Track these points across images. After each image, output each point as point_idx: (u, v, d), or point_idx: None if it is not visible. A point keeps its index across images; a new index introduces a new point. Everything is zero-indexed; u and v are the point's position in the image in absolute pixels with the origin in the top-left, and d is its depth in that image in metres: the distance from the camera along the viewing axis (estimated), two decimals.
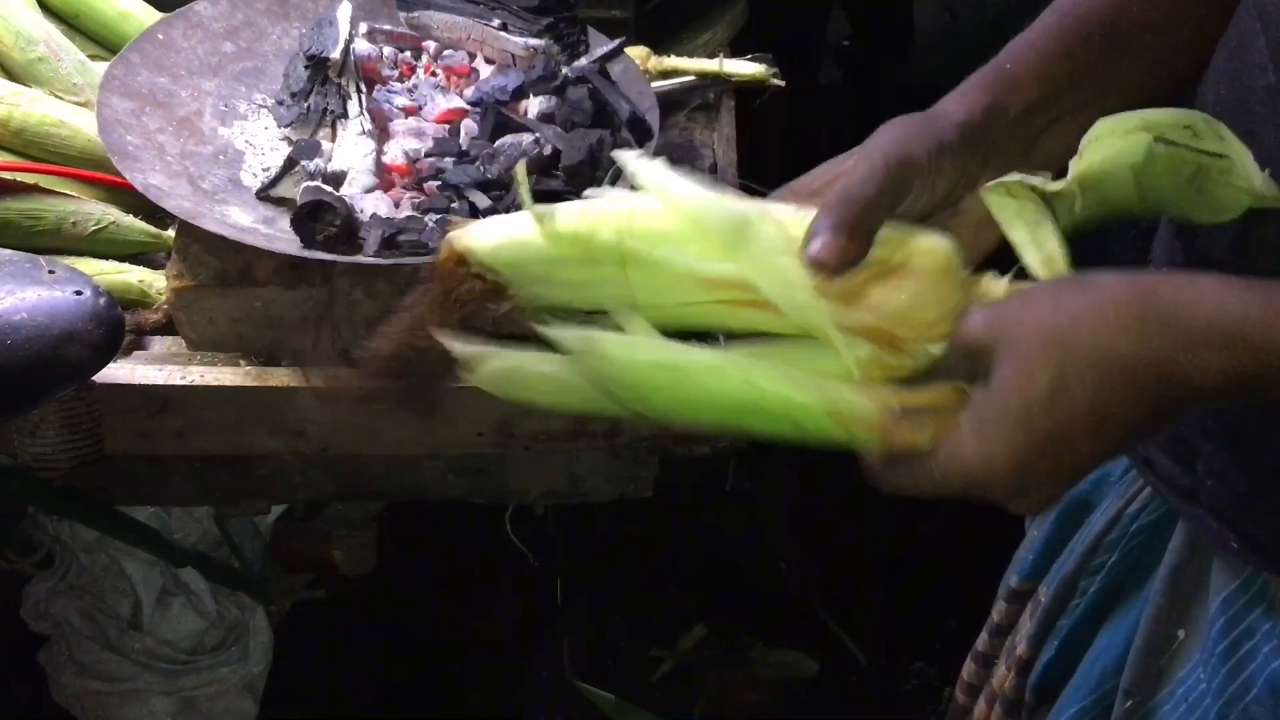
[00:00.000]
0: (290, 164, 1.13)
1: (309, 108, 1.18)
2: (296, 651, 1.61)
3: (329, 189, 1.09)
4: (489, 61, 1.28)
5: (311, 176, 1.12)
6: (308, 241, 1.06)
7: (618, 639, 1.89)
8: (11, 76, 1.30)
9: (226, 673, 1.42)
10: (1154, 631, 0.82)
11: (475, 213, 1.06)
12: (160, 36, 1.25)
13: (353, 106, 1.19)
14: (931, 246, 0.64)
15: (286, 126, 1.19)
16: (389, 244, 1.06)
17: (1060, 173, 0.69)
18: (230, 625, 1.43)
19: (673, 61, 1.41)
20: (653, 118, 1.19)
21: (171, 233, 1.22)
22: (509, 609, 1.86)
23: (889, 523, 1.94)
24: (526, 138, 1.14)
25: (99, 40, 1.42)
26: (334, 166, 1.14)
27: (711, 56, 1.42)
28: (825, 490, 2.01)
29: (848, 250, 0.62)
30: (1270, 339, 0.56)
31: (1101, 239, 0.74)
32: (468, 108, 1.22)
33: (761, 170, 1.44)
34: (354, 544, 1.54)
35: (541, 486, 1.26)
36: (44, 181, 1.22)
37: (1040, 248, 0.66)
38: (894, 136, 0.66)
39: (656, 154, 1.16)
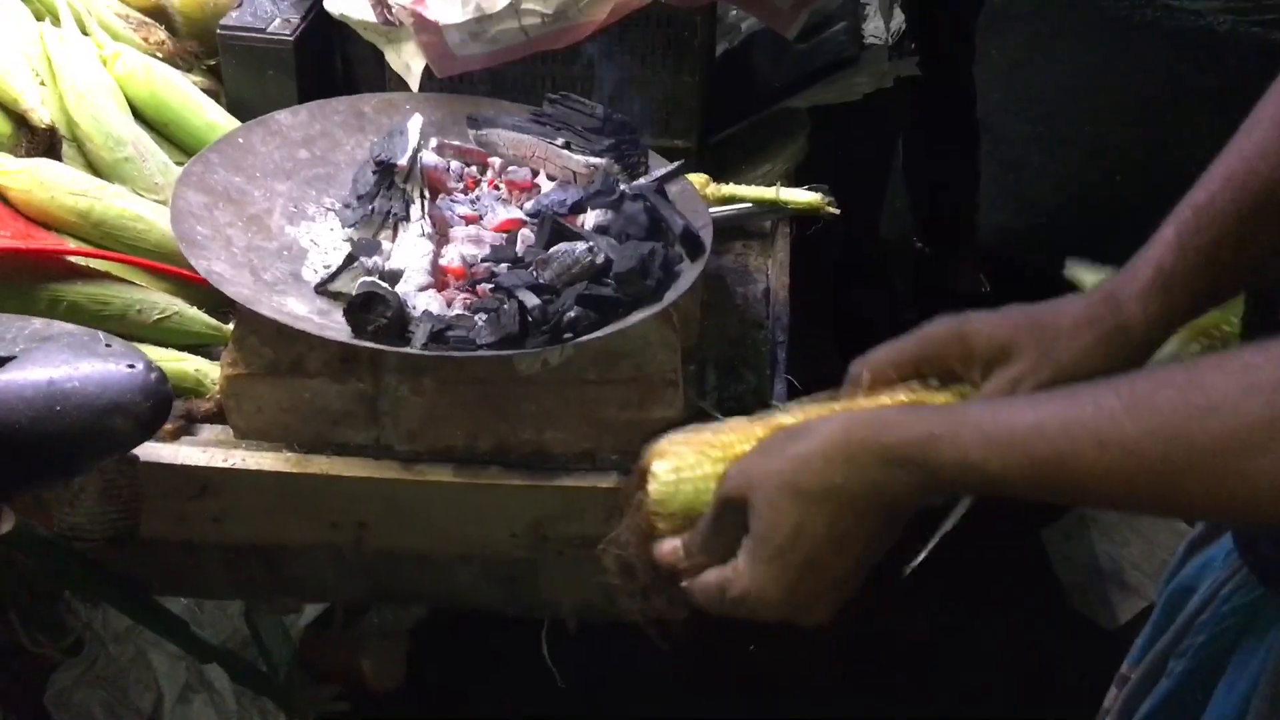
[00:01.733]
0: (350, 260, 1.16)
1: (373, 210, 1.22)
2: None
3: (383, 284, 1.11)
4: (551, 178, 1.32)
5: (369, 273, 1.15)
6: (358, 331, 1.08)
7: None
8: (97, 173, 1.37)
9: None
10: None
11: (524, 311, 1.08)
12: (240, 140, 1.31)
13: (415, 210, 1.22)
14: None
15: (350, 227, 1.23)
16: (436, 338, 1.08)
17: None
18: None
19: (731, 189, 1.44)
20: (706, 234, 1.21)
21: (231, 327, 1.25)
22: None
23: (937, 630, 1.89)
24: (580, 246, 1.16)
25: (186, 149, 1.48)
26: (392, 265, 1.16)
27: (770, 185, 1.45)
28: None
29: None
30: (942, 457, 0.68)
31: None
32: (526, 219, 1.25)
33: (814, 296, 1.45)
34: (385, 656, 1.52)
35: (575, 599, 1.24)
36: (114, 269, 1.26)
37: None
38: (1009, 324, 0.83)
39: (710, 274, 1.19)
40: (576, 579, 1.20)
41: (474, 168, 1.34)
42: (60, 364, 0.97)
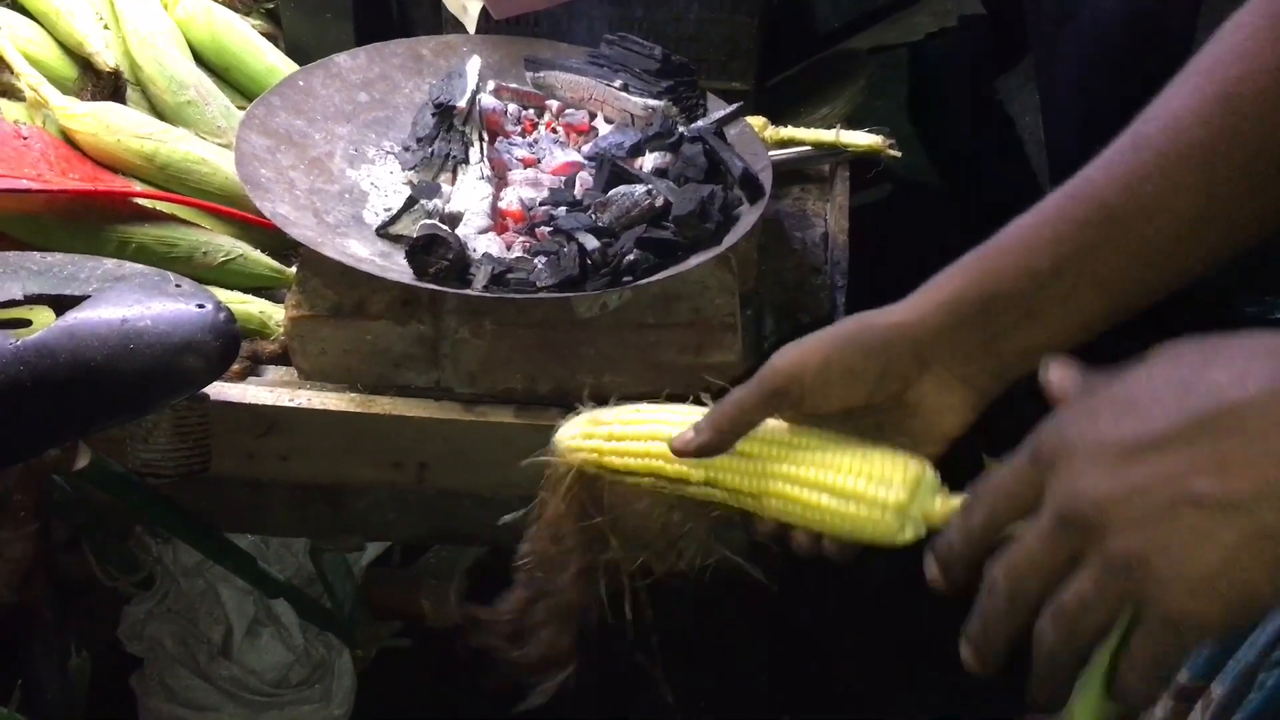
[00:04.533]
0: (410, 202, 1.17)
1: (433, 152, 1.22)
2: (378, 699, 1.60)
3: (444, 227, 1.12)
4: (609, 121, 1.31)
5: (430, 215, 1.16)
6: (420, 273, 1.09)
7: None
8: (161, 116, 1.39)
9: (309, 711, 1.43)
10: None
11: (584, 254, 1.08)
12: (301, 83, 1.31)
13: (474, 153, 1.22)
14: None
15: (410, 170, 1.24)
16: (497, 280, 1.08)
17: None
18: (316, 663, 1.44)
19: (790, 131, 1.43)
20: (765, 177, 1.20)
21: (295, 269, 1.26)
22: (593, 680, 1.83)
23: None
24: (639, 188, 1.16)
25: (246, 92, 1.50)
26: (452, 208, 1.17)
27: (829, 129, 1.44)
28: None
29: (702, 445, 0.72)
30: None
31: None
32: (584, 162, 1.25)
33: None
34: (443, 595, 1.54)
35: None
36: (180, 212, 1.28)
37: None
38: (802, 347, 0.71)
39: (768, 218, 1.18)
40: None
41: (531, 110, 1.34)
42: (133, 303, 0.99)
